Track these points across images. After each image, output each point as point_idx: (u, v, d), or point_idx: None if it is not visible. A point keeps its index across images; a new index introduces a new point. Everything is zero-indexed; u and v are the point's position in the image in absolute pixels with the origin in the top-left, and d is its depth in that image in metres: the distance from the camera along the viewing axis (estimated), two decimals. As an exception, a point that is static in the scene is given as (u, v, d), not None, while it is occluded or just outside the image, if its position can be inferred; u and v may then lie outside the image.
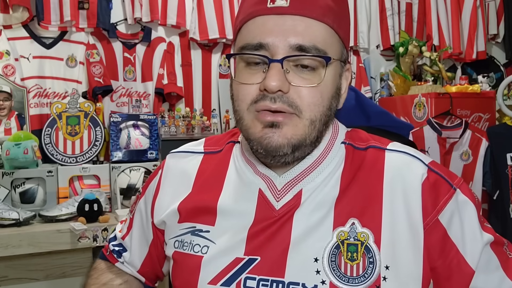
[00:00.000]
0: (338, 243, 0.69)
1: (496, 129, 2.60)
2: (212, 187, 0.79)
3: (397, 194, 0.71)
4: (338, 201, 0.72)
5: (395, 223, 0.70)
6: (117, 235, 0.93)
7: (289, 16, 0.68)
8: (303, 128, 0.69)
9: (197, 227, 0.76)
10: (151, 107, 2.59)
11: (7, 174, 2.01)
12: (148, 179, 0.90)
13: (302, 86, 0.68)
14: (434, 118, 2.50)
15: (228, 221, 0.75)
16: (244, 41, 0.71)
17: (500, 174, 2.53)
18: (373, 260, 0.68)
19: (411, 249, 0.69)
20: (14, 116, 2.25)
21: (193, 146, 0.88)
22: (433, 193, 0.71)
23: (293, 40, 0.67)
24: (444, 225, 0.70)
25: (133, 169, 2.23)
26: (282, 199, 0.74)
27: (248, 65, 0.71)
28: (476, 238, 0.72)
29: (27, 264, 1.86)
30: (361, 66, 3.03)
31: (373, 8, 3.08)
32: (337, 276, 0.67)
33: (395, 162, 0.74)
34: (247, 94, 0.70)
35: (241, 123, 0.73)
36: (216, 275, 0.71)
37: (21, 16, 2.28)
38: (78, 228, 1.83)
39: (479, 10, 3.27)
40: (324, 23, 0.70)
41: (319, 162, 0.75)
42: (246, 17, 0.72)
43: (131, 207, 0.93)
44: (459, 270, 0.71)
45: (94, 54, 2.44)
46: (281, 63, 0.67)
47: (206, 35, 2.64)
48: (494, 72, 3.37)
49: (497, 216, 2.57)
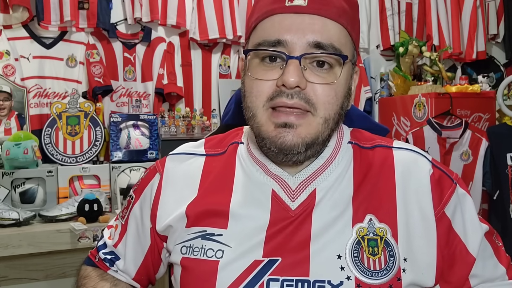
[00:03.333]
0: (359, 239, 0.71)
1: (496, 129, 2.60)
2: (220, 189, 0.78)
3: (408, 189, 0.75)
4: (354, 199, 0.74)
5: (409, 217, 0.73)
6: (108, 243, 0.88)
7: (307, 15, 0.70)
8: (316, 126, 0.71)
9: (208, 231, 0.75)
10: (151, 107, 2.59)
11: (7, 174, 2.01)
12: (141, 183, 0.86)
13: (318, 83, 0.70)
14: (434, 118, 2.50)
15: (241, 223, 0.74)
16: (261, 38, 0.72)
17: (500, 174, 2.53)
18: (393, 254, 0.71)
19: (425, 240, 0.73)
20: (14, 116, 2.25)
21: (193, 147, 0.86)
22: (439, 187, 0.76)
23: (311, 37, 0.69)
24: (449, 217, 0.75)
25: (133, 169, 2.23)
26: (298, 199, 0.74)
27: (262, 61, 0.72)
28: (476, 228, 0.77)
29: (27, 264, 1.86)
30: (361, 66, 3.02)
31: (373, 8, 3.08)
32: (361, 271, 0.69)
33: (404, 159, 0.78)
34: (262, 91, 0.71)
35: (253, 120, 0.73)
36: (236, 279, 0.70)
37: (21, 16, 2.28)
38: (78, 228, 1.83)
39: (479, 10, 3.27)
40: (340, 24, 0.72)
41: (330, 161, 0.77)
42: (262, 15, 0.73)
43: (122, 213, 0.89)
44: (462, 259, 0.75)
45: (94, 54, 2.44)
46: (299, 60, 0.68)
47: (206, 35, 2.64)
48: (494, 72, 3.37)
49: (497, 216, 2.57)
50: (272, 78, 0.70)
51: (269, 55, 0.71)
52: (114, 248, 0.87)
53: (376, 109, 3.01)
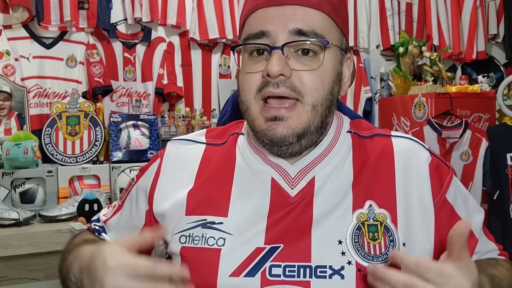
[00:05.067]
0: (359, 225, 0.72)
1: (496, 129, 2.60)
2: (220, 178, 0.79)
3: (408, 176, 0.76)
4: (354, 186, 0.75)
5: (408, 203, 0.75)
6: (101, 218, 0.92)
7: (289, 6, 0.72)
8: (306, 115, 0.72)
9: (209, 220, 0.75)
10: (151, 107, 2.59)
11: (7, 174, 2.01)
12: (144, 167, 0.88)
13: (302, 70, 0.72)
14: (434, 118, 2.50)
15: (242, 211, 0.75)
16: (247, 33, 0.75)
17: (500, 174, 2.53)
18: (393, 239, 0.72)
19: (423, 226, 0.74)
20: (14, 116, 2.25)
21: (195, 135, 0.88)
22: (438, 174, 0.78)
23: (292, 25, 0.71)
24: (451, 202, 0.78)
25: (133, 169, 2.23)
26: (297, 187, 0.76)
27: (251, 55, 0.75)
28: (476, 211, 0.82)
29: (27, 264, 1.86)
30: (361, 66, 3.02)
31: (373, 8, 3.08)
32: (361, 256, 0.70)
33: (403, 147, 0.80)
34: (252, 83, 0.73)
35: (248, 113, 0.75)
36: (238, 267, 0.70)
37: (21, 16, 2.28)
38: (78, 228, 1.83)
39: (479, 10, 3.27)
40: (322, 12, 0.73)
41: (328, 150, 0.79)
42: (247, 12, 0.76)
43: (122, 194, 0.91)
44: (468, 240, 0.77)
45: (94, 54, 2.44)
46: (281, 50, 0.71)
47: (206, 35, 2.64)
48: (494, 72, 3.37)
49: (497, 216, 2.57)
50: (259, 70, 0.73)
51: (255, 48, 0.74)
52: (104, 224, 0.90)
53: (376, 109, 3.01)
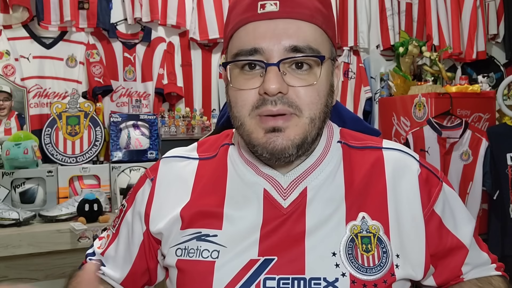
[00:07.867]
0: (353, 237, 0.72)
1: (496, 129, 2.60)
2: (213, 191, 0.79)
3: (398, 188, 0.77)
4: (347, 197, 0.75)
5: (400, 215, 0.75)
6: (96, 251, 0.90)
7: (280, 20, 0.70)
8: (303, 126, 0.72)
9: (203, 232, 0.75)
10: (151, 107, 2.59)
11: (7, 174, 2.01)
12: (132, 192, 0.86)
13: (299, 86, 0.71)
14: (434, 118, 2.50)
15: (236, 223, 0.75)
16: (238, 48, 0.72)
17: (500, 174, 2.53)
18: (386, 250, 0.72)
19: (415, 238, 0.75)
20: (14, 116, 2.25)
21: (187, 151, 0.86)
22: (427, 186, 0.78)
23: (287, 42, 0.70)
24: (439, 214, 0.78)
25: (133, 169, 2.23)
26: (289, 197, 0.75)
27: (242, 70, 0.72)
28: (466, 221, 0.82)
29: (27, 264, 1.86)
30: (361, 66, 3.02)
31: (373, 8, 3.08)
32: (355, 267, 0.70)
33: (393, 159, 0.80)
34: (246, 100, 0.72)
35: (242, 128, 0.74)
36: (232, 279, 0.71)
37: (21, 16, 2.28)
38: (78, 228, 1.83)
39: (479, 10, 3.27)
40: (314, 24, 0.72)
41: (320, 160, 0.78)
42: (236, 25, 0.74)
43: (113, 222, 0.89)
44: (456, 252, 0.79)
45: (94, 54, 2.44)
46: (277, 66, 0.69)
47: (206, 35, 2.64)
48: (494, 72, 3.37)
49: (497, 216, 2.57)
50: (254, 86, 0.71)
51: (247, 62, 0.72)
52: (102, 256, 0.88)
53: (376, 109, 3.01)
